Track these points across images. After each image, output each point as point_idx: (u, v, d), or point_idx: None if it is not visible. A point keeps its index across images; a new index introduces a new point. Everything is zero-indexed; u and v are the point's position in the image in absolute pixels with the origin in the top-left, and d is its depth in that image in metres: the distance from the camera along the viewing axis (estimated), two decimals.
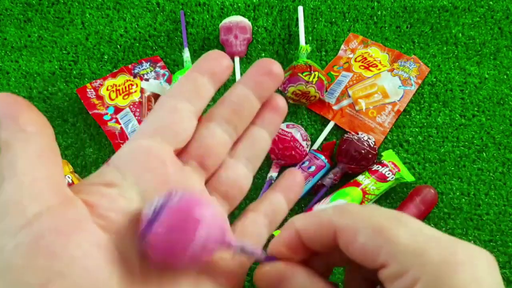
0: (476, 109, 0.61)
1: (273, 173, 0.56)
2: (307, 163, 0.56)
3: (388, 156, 0.56)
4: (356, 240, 0.17)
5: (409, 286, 0.15)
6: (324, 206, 0.51)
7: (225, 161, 0.22)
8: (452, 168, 0.58)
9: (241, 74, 0.61)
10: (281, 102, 0.23)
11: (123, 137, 0.58)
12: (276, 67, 0.22)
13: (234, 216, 0.23)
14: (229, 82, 0.60)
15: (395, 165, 0.55)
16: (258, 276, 0.19)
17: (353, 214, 0.18)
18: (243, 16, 0.64)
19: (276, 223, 0.23)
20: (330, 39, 0.65)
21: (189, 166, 0.21)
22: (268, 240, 0.21)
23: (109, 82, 0.61)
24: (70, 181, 0.53)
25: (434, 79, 0.62)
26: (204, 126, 0.21)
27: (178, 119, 0.20)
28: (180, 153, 0.21)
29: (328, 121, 0.60)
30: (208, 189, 0.21)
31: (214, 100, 0.21)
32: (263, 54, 0.64)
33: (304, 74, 0.56)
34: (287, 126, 0.56)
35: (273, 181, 0.55)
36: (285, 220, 0.20)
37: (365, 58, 0.63)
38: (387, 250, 0.16)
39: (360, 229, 0.17)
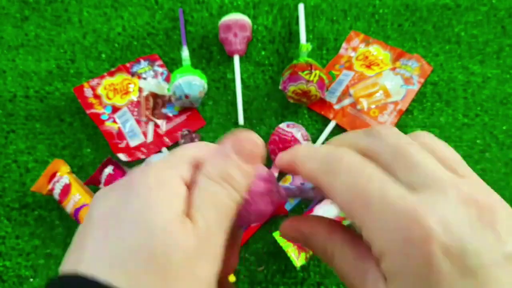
0: (479, 108, 0.60)
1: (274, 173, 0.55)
2: None
3: None
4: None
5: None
6: (325, 208, 0.50)
7: None
8: None
9: (241, 73, 0.60)
10: None
11: (121, 137, 0.57)
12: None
13: None
14: (229, 81, 0.60)
15: None
16: (285, 226, 0.23)
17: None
18: (243, 14, 0.63)
19: None
20: (331, 37, 0.65)
21: None
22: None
23: (107, 81, 0.60)
24: (68, 182, 0.52)
25: (437, 78, 0.62)
26: None
27: None
28: None
29: (329, 121, 0.59)
30: None
31: (213, 99, 0.20)
32: (263, 53, 0.63)
33: (304, 73, 0.55)
34: (288, 126, 0.55)
35: None
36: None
37: (367, 57, 0.62)
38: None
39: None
